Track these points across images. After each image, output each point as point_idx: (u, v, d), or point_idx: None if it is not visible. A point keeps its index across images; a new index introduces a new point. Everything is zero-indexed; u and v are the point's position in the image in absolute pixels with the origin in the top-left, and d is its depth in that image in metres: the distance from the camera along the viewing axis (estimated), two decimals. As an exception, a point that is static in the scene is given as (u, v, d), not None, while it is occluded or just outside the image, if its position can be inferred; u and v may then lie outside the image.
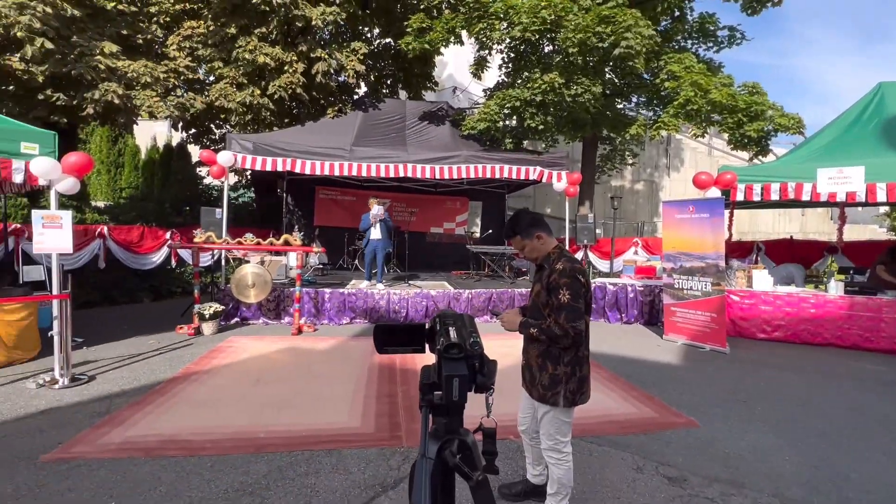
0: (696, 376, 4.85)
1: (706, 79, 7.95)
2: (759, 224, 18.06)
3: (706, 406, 3.98)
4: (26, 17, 5.76)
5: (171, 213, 10.49)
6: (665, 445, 3.23)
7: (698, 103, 7.80)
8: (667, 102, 9.28)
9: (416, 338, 0.98)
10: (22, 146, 4.09)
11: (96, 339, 5.72)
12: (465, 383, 0.89)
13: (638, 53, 7.08)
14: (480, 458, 0.98)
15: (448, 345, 0.90)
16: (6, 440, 3.09)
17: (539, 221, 2.18)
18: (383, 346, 0.99)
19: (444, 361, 0.90)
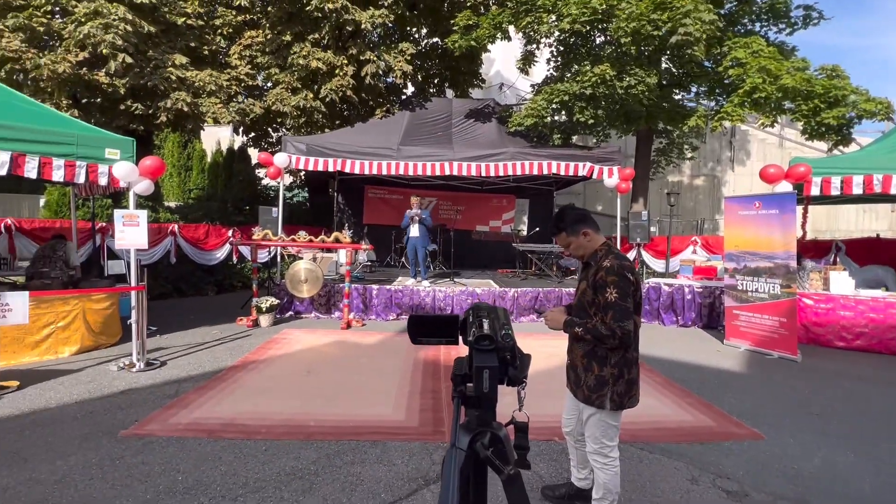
0: (761, 385, 4.50)
1: (776, 64, 7.32)
2: (839, 221, 16.41)
3: (773, 418, 3.68)
4: (110, 35, 6.38)
5: (233, 212, 11.20)
6: (724, 457, 3.02)
7: (767, 90, 7.20)
8: (731, 91, 8.65)
9: (450, 329, 0.98)
10: (106, 152, 4.52)
11: (168, 328, 6.23)
12: (496, 375, 0.88)
13: (697, 40, 6.64)
14: (513, 453, 0.96)
15: (479, 336, 0.89)
16: (93, 416, 3.44)
17: (585, 217, 2.11)
18: (417, 337, 1.00)
19: (475, 353, 0.89)
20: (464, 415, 0.98)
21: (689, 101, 10.66)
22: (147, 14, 7.21)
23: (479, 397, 0.90)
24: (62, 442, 3.00)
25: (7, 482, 2.53)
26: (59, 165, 4.23)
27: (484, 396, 0.89)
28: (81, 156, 4.37)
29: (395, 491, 2.57)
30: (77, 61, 6.68)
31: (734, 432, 3.39)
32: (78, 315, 5.01)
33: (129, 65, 6.82)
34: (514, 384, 0.98)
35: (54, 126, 4.36)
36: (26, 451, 2.88)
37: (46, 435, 3.10)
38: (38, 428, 3.20)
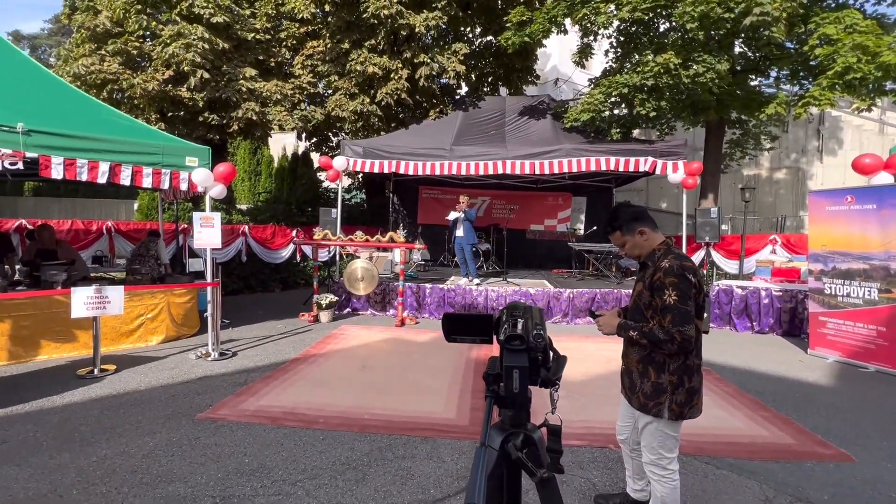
0: (852, 402, 4.02)
1: (875, 39, 6.48)
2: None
3: (866, 439, 3.27)
4: (191, 53, 7.02)
5: (297, 213, 11.87)
6: (805, 478, 2.73)
7: (863, 70, 6.40)
8: (818, 73, 7.80)
9: (484, 328, 0.97)
10: (186, 160, 4.98)
11: (239, 321, 6.73)
12: (526, 376, 0.86)
13: (776, 20, 6.05)
14: (546, 456, 0.94)
15: (510, 335, 0.88)
16: (175, 399, 3.81)
17: (642, 215, 2.00)
18: (451, 335, 1.00)
19: (506, 352, 0.88)
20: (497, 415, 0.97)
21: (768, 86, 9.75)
22: (221, 32, 7.84)
23: (512, 397, 0.89)
24: (150, 421, 3.35)
25: (106, 453, 2.86)
26: (147, 173, 4.72)
27: (516, 397, 0.88)
28: (166, 164, 4.85)
29: (444, 488, 2.59)
30: (163, 79, 7.42)
31: (818, 452, 3.06)
32: (164, 308, 5.56)
33: (207, 80, 7.46)
34: (547, 386, 0.96)
35: (144, 138, 4.87)
36: (121, 427, 3.24)
37: (137, 414, 3.47)
38: (132, 407, 3.60)
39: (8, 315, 4.56)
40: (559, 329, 6.81)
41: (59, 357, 4.83)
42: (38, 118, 4.23)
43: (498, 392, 0.90)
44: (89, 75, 7.38)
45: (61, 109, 4.65)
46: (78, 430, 3.19)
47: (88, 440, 3.04)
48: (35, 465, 2.71)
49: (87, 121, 4.65)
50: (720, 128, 9.98)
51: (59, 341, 4.86)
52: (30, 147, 4.06)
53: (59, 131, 4.24)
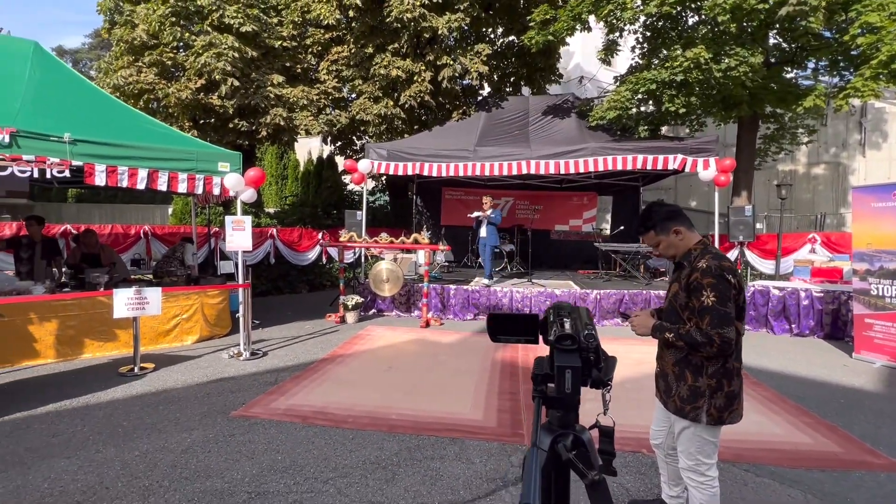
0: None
1: (923, 25, 6.14)
2: None
3: (920, 447, 3.09)
4: (222, 62, 7.27)
5: (323, 216, 12.08)
6: (853, 489, 2.60)
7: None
8: (860, 63, 7.43)
9: (530, 328, 0.97)
10: (219, 165, 5.15)
11: (268, 322, 6.90)
12: (578, 376, 0.85)
13: (814, 9, 5.79)
14: (597, 458, 0.92)
15: (561, 335, 0.86)
16: (209, 397, 3.93)
17: (677, 214, 1.94)
18: (496, 335, 1.00)
19: (557, 353, 0.87)
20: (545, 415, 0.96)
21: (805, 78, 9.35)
22: (250, 41, 8.08)
23: (561, 398, 0.88)
24: (187, 418, 3.47)
25: (147, 448, 2.98)
26: (182, 179, 4.90)
27: (566, 397, 0.87)
28: (200, 169, 5.02)
29: (474, 489, 2.58)
30: (196, 88, 7.70)
31: (867, 461, 2.90)
32: (198, 308, 5.75)
33: (237, 87, 7.69)
34: (599, 387, 0.94)
35: (179, 145, 5.06)
36: (161, 423, 3.37)
37: (175, 411, 3.60)
38: (169, 405, 3.73)
39: (55, 315, 4.81)
40: (586, 331, 6.70)
41: (102, 355, 5.06)
42: (82, 128, 4.45)
43: (546, 392, 0.89)
44: (127, 86, 7.73)
45: (103, 119, 4.88)
46: (121, 425, 3.33)
47: (131, 435, 3.17)
48: (83, 458, 2.85)
49: (126, 130, 4.87)
50: (753, 123, 9.63)
51: (102, 340, 5.10)
52: (76, 156, 4.28)
53: (101, 140, 4.46)
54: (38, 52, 5.19)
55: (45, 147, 4.16)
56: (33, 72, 4.91)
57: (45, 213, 13.64)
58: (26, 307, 4.65)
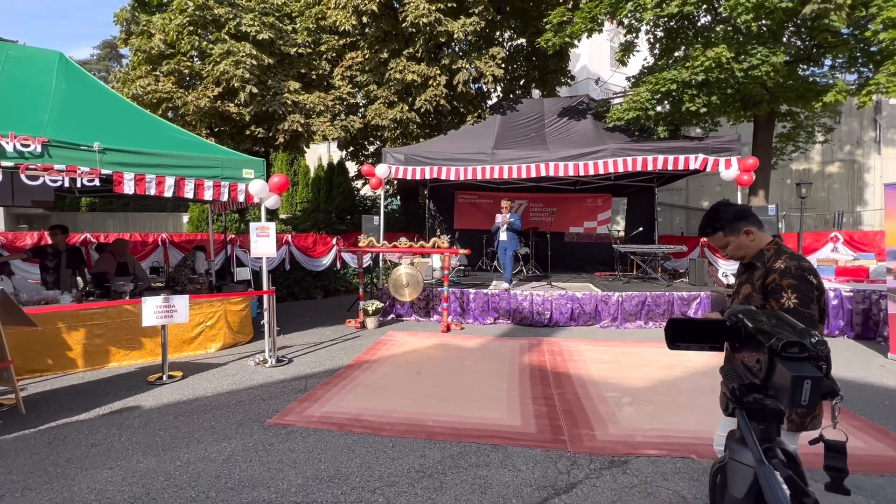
0: (952, 410, 3.70)
1: (948, 20, 6.07)
2: None
3: (978, 451, 2.99)
4: (240, 70, 7.30)
5: (337, 221, 12.09)
6: (917, 494, 2.52)
7: (936, 54, 5.99)
8: (879, 59, 7.36)
9: (715, 334, 0.91)
10: (243, 172, 5.14)
11: (287, 328, 6.88)
12: (819, 386, 0.79)
13: (840, 6, 5.73)
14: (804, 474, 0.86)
15: (788, 342, 0.81)
16: (242, 405, 3.90)
17: (747, 213, 1.88)
18: (675, 342, 0.94)
19: (785, 361, 0.81)
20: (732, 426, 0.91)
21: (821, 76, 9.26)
22: (266, 48, 8.12)
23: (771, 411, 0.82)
24: (223, 426, 3.43)
25: (188, 458, 2.95)
26: (208, 186, 4.90)
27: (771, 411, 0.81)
28: (225, 176, 5.02)
29: (525, 498, 2.53)
30: (214, 95, 7.73)
31: (926, 465, 2.82)
32: (221, 316, 5.73)
33: (254, 94, 7.72)
34: (829, 397, 0.88)
35: (204, 152, 5.06)
36: (197, 432, 3.34)
37: (210, 420, 3.57)
38: (203, 413, 3.70)
39: (83, 324, 4.81)
40: (608, 334, 6.63)
41: (129, 364, 5.05)
42: (110, 137, 4.46)
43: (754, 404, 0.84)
44: (146, 95, 7.78)
45: (129, 128, 4.90)
46: (158, 434, 3.30)
47: (169, 445, 3.14)
48: (125, 468, 2.82)
49: (152, 138, 4.88)
50: (770, 121, 9.56)
51: (128, 349, 5.09)
52: (105, 164, 4.29)
53: (129, 148, 4.46)
54: (63, 63, 5.22)
55: (76, 156, 4.17)
56: (59, 82, 4.94)
57: (61, 222, 13.76)
58: (54, 317, 4.65)
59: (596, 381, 4.46)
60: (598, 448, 3.08)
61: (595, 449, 3.07)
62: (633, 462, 2.90)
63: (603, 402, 3.95)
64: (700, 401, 3.94)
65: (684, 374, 4.67)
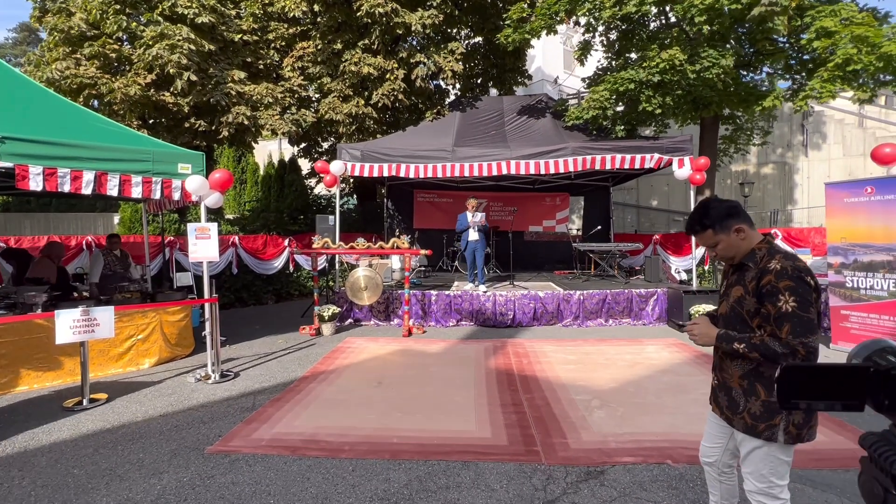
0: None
1: (875, 31, 6.52)
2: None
3: (926, 439, 3.11)
4: (176, 55, 6.61)
5: (289, 221, 11.43)
6: (883, 488, 2.54)
7: (864, 61, 6.41)
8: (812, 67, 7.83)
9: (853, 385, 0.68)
10: (178, 167, 4.60)
11: (235, 338, 6.33)
12: None
13: (784, 10, 5.99)
14: None
15: None
16: (178, 430, 3.43)
17: (737, 210, 1.76)
18: (790, 399, 0.67)
19: None
20: None
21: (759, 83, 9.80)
22: (206, 33, 7.44)
23: None
24: (153, 458, 2.98)
25: (107, 502, 2.49)
26: (137, 182, 4.33)
27: None
28: (157, 172, 4.46)
29: (502, 522, 2.31)
30: (146, 83, 6.98)
31: (885, 457, 2.88)
32: (156, 327, 5.14)
33: (193, 83, 7.04)
34: None
35: (132, 144, 4.48)
36: (121, 468, 2.86)
37: (138, 450, 3.09)
38: (130, 443, 3.21)
39: (-18, 343, 4.11)
40: (571, 333, 6.61)
41: (42, 387, 4.39)
42: (12, 125, 3.82)
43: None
44: (63, 80, 6.89)
45: (39, 115, 4.24)
46: (71, 473, 2.81)
47: (85, 486, 2.66)
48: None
49: (68, 127, 4.25)
50: (715, 123, 9.99)
51: (41, 369, 4.42)
52: (4, 156, 3.65)
53: (37, 138, 3.84)
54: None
55: (-35, 146, 3.52)
56: (-52, 59, 4.20)
57: (-35, 224, 12.14)
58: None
59: (564, 384, 4.35)
60: (572, 458, 2.93)
61: (569, 459, 2.92)
62: (609, 472, 2.77)
63: (573, 406, 3.83)
64: (667, 400, 3.92)
65: (648, 372, 4.67)
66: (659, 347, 5.64)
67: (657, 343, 5.87)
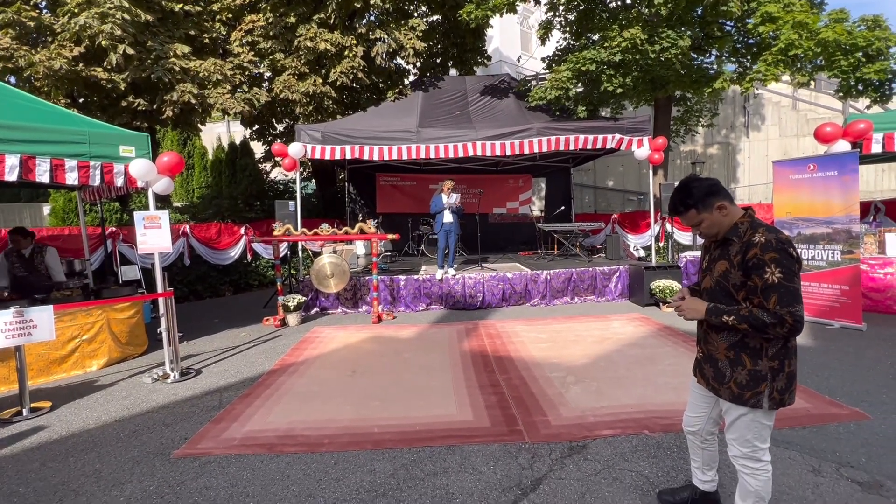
0: (835, 359, 4.24)
1: (813, 17, 6.90)
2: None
3: (867, 394, 3.42)
4: (108, 25, 5.94)
5: (244, 208, 10.85)
6: (835, 442, 2.76)
7: (804, 46, 6.80)
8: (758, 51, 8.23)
9: None
10: (120, 149, 4.18)
11: (193, 333, 5.97)
12: None
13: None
14: None
15: None
16: (137, 435, 3.18)
17: (718, 188, 1.79)
18: None
19: None
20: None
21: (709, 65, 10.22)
22: (142, 2, 6.74)
23: None
24: (112, 469, 2.74)
25: (62, 521, 2.27)
26: (72, 167, 3.89)
27: None
28: (95, 155, 4.03)
29: (493, 503, 2.31)
30: (73, 56, 6.26)
31: (834, 413, 3.13)
32: (102, 326, 4.73)
33: (130, 56, 6.38)
34: None
35: (64, 124, 4.00)
36: (75, 482, 2.61)
37: (93, 461, 2.84)
38: (82, 453, 2.94)
39: None
40: (539, 312, 6.73)
41: (-28, 398, 3.93)
42: (-88, 100, 3.29)
43: None
44: (-27, 52, 6.04)
45: (-56, 90, 3.68)
46: (16, 492, 2.53)
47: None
48: (-36, 550, 2.08)
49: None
50: (668, 105, 10.35)
51: (-30, 379, 3.95)
52: None
53: (-55, 116, 3.33)
54: None
55: None
56: None
57: None
58: None
59: (538, 362, 4.42)
60: (554, 435, 2.98)
61: (552, 436, 2.96)
62: (591, 445, 2.84)
63: (549, 383, 3.89)
64: (637, 372, 4.07)
65: (617, 346, 4.83)
66: (624, 322, 5.85)
67: (622, 318, 6.09)
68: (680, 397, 3.43)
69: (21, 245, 5.09)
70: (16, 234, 5.10)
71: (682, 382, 3.73)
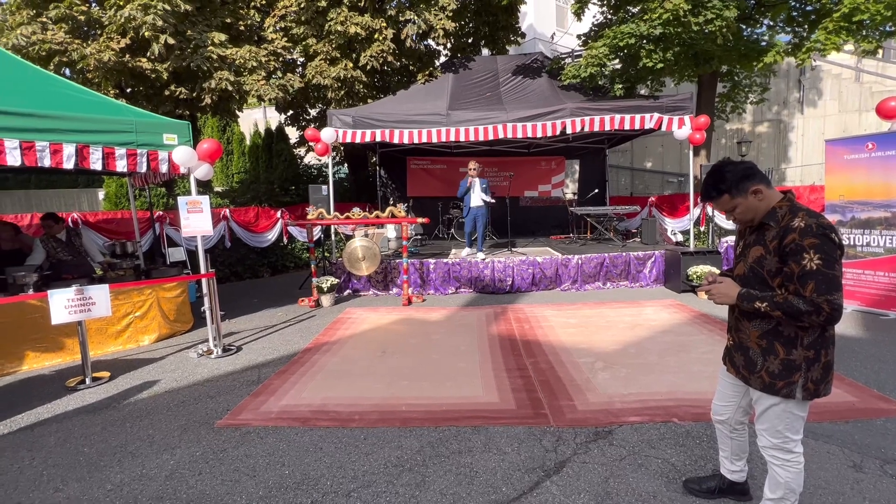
0: (888, 351, 3.98)
1: (882, -22, 6.27)
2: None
3: (921, 389, 3.21)
4: (150, 16, 6.19)
5: (280, 192, 11.19)
6: (881, 438, 2.63)
7: (871, 10, 6.20)
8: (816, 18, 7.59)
9: None
10: (164, 137, 4.40)
11: (234, 312, 6.29)
12: None
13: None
14: None
15: None
16: (185, 405, 3.43)
17: (754, 172, 1.70)
18: None
19: None
20: None
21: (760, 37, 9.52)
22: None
23: None
24: (163, 434, 2.98)
25: (121, 479, 2.50)
26: (121, 155, 4.14)
27: None
28: (141, 143, 4.26)
29: (516, 484, 2.36)
30: (120, 48, 6.57)
31: (882, 408, 2.97)
32: (153, 304, 5.06)
33: (171, 46, 6.64)
34: None
35: (113, 114, 4.24)
36: (132, 444, 2.86)
37: (146, 427, 3.09)
38: (137, 420, 3.21)
39: (-26, 325, 4.02)
40: (570, 297, 6.65)
41: (42, 367, 4.35)
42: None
43: None
44: (31, 46, 6.45)
45: (10, 84, 3.96)
46: (81, 452, 2.80)
47: (97, 464, 2.66)
48: (40, 501, 2.33)
49: (44, 97, 3.99)
50: (713, 81, 9.75)
51: (40, 350, 4.36)
52: (-24, 129, 3.44)
53: (11, 109, 3.61)
54: None
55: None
56: None
57: (-58, 203, 11.75)
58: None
59: (567, 348, 4.40)
60: (580, 420, 2.98)
61: (577, 421, 2.97)
62: (617, 431, 2.82)
63: (577, 368, 3.88)
64: (669, 360, 3.98)
65: (649, 333, 4.73)
66: (658, 308, 5.70)
67: (656, 304, 5.94)
68: (713, 386, 3.31)
69: (54, 230, 5.14)
70: (48, 219, 5.15)
71: (716, 371, 3.60)
